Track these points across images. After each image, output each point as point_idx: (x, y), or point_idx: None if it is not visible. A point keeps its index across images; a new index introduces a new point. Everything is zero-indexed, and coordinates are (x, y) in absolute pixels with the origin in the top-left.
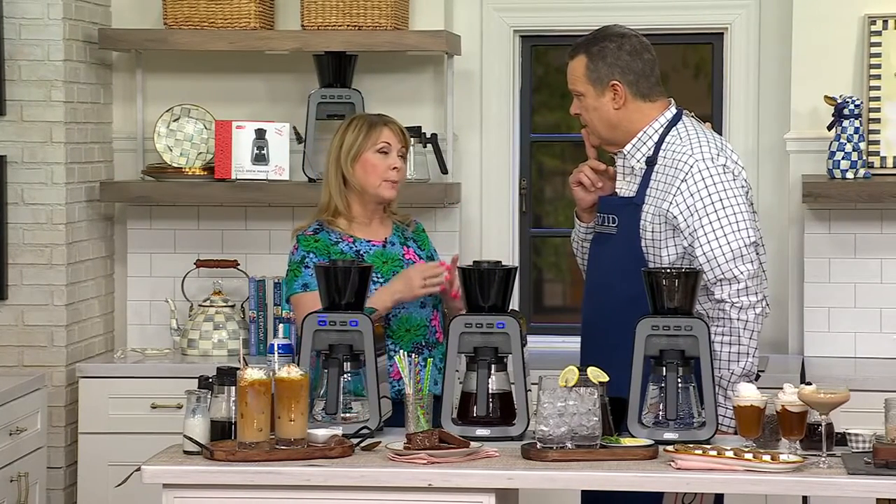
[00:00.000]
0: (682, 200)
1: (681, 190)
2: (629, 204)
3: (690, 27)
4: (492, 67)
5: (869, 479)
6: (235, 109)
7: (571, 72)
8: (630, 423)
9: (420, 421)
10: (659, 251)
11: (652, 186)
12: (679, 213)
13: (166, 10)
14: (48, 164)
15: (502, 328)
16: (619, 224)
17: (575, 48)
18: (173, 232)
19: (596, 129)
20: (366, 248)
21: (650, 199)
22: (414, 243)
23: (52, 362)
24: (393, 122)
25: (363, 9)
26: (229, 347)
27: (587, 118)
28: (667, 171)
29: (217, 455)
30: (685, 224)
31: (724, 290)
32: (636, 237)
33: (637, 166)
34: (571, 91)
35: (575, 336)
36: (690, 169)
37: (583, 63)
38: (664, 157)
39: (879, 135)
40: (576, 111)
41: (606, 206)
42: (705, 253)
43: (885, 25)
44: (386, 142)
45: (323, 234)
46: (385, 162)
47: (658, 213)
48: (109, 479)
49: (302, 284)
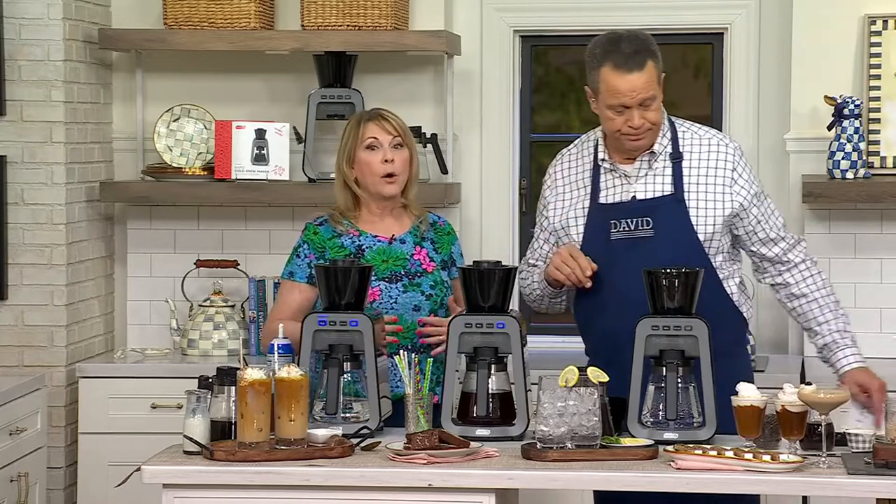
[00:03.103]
0: (740, 188)
1: (734, 179)
2: (668, 201)
3: (691, 27)
4: (492, 67)
5: (869, 479)
6: (235, 109)
7: (647, 80)
8: (630, 423)
9: (420, 421)
10: (719, 242)
11: (690, 181)
12: (743, 200)
13: (166, 11)
14: (48, 164)
15: (502, 328)
16: (657, 224)
17: (637, 57)
18: (173, 232)
19: (656, 133)
20: (370, 242)
21: (693, 194)
22: (430, 244)
23: (52, 362)
24: (380, 116)
25: (363, 9)
26: (229, 347)
27: (654, 120)
28: (708, 164)
29: (217, 455)
30: (749, 209)
31: (799, 251)
32: (687, 231)
33: (657, 165)
34: (640, 100)
35: (575, 336)
36: (734, 158)
37: (654, 67)
38: (692, 152)
39: (879, 135)
40: (641, 123)
41: (627, 211)
42: (772, 229)
43: (885, 25)
44: (372, 137)
45: (326, 227)
46: (376, 157)
47: (713, 205)
48: (109, 479)
49: (289, 272)
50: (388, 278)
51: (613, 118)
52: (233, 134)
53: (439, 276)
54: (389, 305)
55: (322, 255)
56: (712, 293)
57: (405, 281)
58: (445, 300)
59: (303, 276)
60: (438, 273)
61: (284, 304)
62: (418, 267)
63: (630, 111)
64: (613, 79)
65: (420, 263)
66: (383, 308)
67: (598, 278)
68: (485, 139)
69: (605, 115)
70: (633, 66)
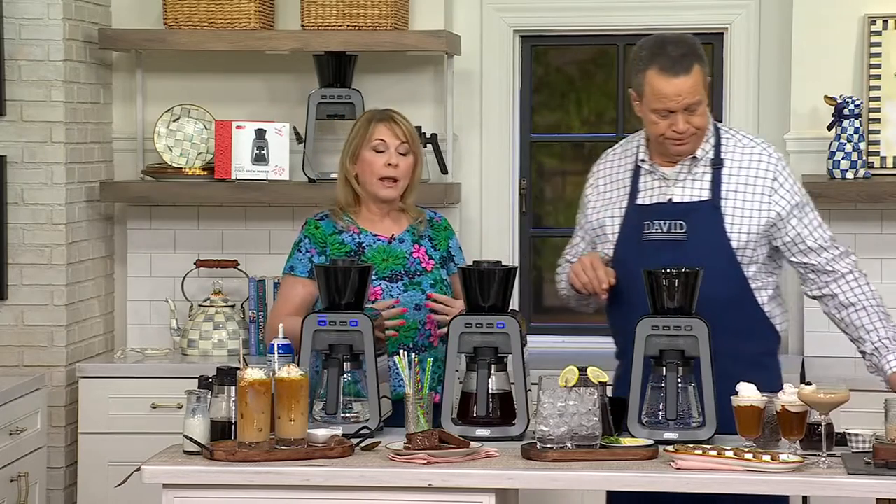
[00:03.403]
0: (780, 198)
1: (775, 189)
2: (704, 206)
3: (691, 27)
4: (492, 67)
5: (869, 479)
6: (235, 109)
7: (693, 84)
8: (630, 423)
9: (420, 421)
10: (753, 251)
11: (728, 188)
12: (782, 209)
13: (166, 11)
14: (48, 164)
15: (502, 328)
16: (691, 228)
17: (684, 62)
18: (173, 232)
19: (700, 138)
20: (370, 241)
21: (730, 202)
22: (429, 241)
23: (52, 362)
24: (392, 119)
25: (363, 9)
26: (229, 347)
27: (700, 125)
28: (745, 171)
29: (217, 455)
30: (789, 219)
31: (846, 261)
32: (720, 238)
33: (697, 169)
34: (686, 105)
35: (575, 336)
36: (776, 167)
37: (700, 71)
38: (733, 160)
39: (879, 135)
40: (686, 126)
41: (661, 213)
42: (817, 239)
43: (885, 25)
44: (380, 139)
45: (327, 223)
46: (380, 159)
47: (752, 214)
48: (109, 479)
49: (290, 267)
50: (388, 277)
51: (658, 122)
52: (233, 134)
53: (439, 274)
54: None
55: (323, 250)
56: (742, 303)
57: (406, 280)
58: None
59: (304, 271)
60: (438, 271)
61: (287, 300)
62: (418, 266)
63: (675, 115)
64: (659, 83)
65: (419, 262)
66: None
67: (629, 279)
68: (485, 139)
69: (650, 118)
70: (680, 70)
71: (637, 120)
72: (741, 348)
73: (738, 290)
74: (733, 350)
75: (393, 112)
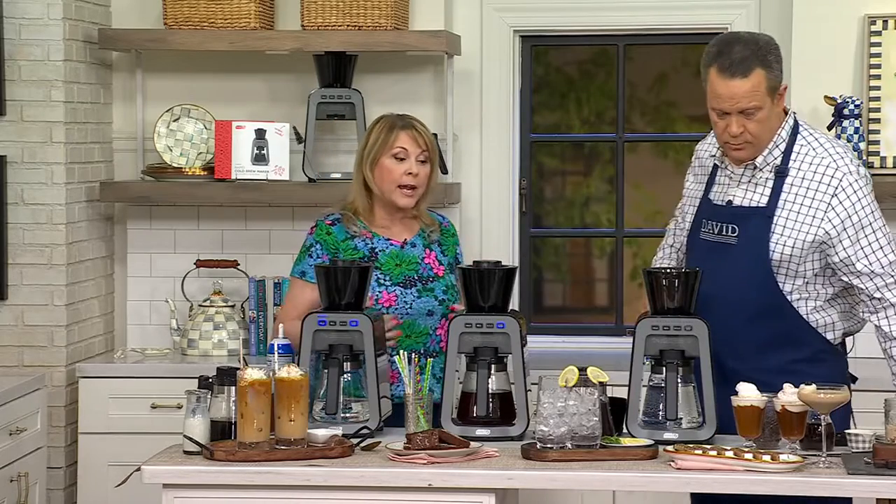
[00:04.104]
0: (834, 216)
1: (832, 206)
2: (758, 214)
3: (691, 27)
4: (492, 67)
5: (869, 479)
6: (235, 109)
7: (749, 89)
8: (630, 423)
9: (420, 421)
10: (798, 265)
11: (787, 199)
12: (833, 228)
13: (166, 11)
14: (48, 164)
15: (502, 328)
16: (741, 234)
17: (744, 64)
18: (173, 232)
19: (762, 141)
20: (383, 245)
21: (786, 213)
22: (438, 247)
23: (52, 362)
24: (413, 127)
25: (363, 9)
26: (229, 347)
27: (756, 132)
28: (809, 184)
29: (217, 455)
30: (840, 238)
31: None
32: (764, 247)
33: (761, 175)
34: (741, 109)
35: (575, 336)
36: (840, 183)
37: (762, 76)
38: (799, 169)
39: (879, 135)
40: (740, 130)
41: (721, 214)
42: (870, 264)
43: (885, 25)
44: (402, 147)
45: (339, 227)
46: (401, 168)
47: (803, 228)
48: (109, 479)
49: (301, 271)
50: (402, 283)
51: (716, 122)
52: (233, 134)
53: (450, 280)
54: (405, 311)
55: (336, 256)
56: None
57: (419, 286)
58: (456, 305)
59: (314, 276)
60: (449, 277)
61: (296, 303)
62: (430, 271)
63: (729, 118)
64: (716, 82)
65: (431, 268)
66: (398, 314)
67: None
68: (485, 139)
69: (711, 117)
70: (737, 71)
71: (637, 119)
72: (770, 357)
73: (771, 299)
74: (759, 358)
75: (414, 120)
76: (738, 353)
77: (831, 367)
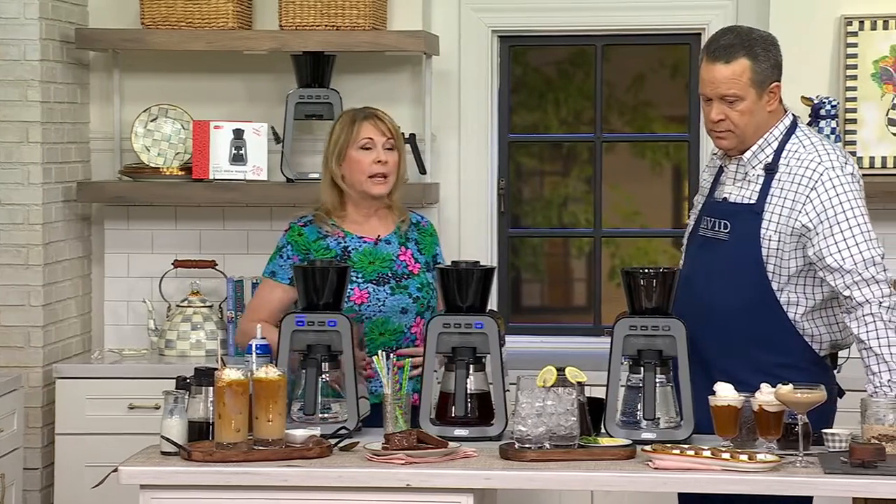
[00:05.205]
0: (811, 209)
1: (810, 198)
2: (747, 210)
3: (668, 27)
4: (470, 68)
5: (845, 478)
6: (213, 109)
7: (730, 75)
8: (608, 422)
9: (398, 421)
10: (781, 261)
11: (774, 195)
12: (809, 221)
13: (143, 10)
14: (24, 165)
15: (480, 328)
16: (733, 230)
17: (729, 50)
18: (151, 232)
19: (746, 133)
20: (355, 244)
21: (772, 208)
22: (415, 245)
23: (29, 363)
24: (375, 116)
25: (341, 9)
26: (207, 348)
27: (738, 122)
28: (792, 178)
29: (194, 456)
30: (815, 232)
31: (865, 291)
32: (754, 244)
33: (753, 172)
34: (720, 95)
35: (553, 336)
36: (821, 177)
37: (746, 66)
38: (787, 166)
39: (856, 135)
40: (720, 117)
41: (716, 210)
42: (842, 260)
43: (861, 26)
44: (368, 137)
45: (311, 228)
46: (369, 157)
47: (784, 221)
48: (86, 480)
49: (271, 271)
50: (375, 281)
51: (703, 108)
52: (210, 134)
53: (425, 278)
54: (377, 308)
55: (307, 257)
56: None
57: (392, 283)
58: (432, 302)
59: (284, 277)
60: (424, 275)
61: (264, 303)
62: (404, 268)
63: (713, 104)
64: (703, 67)
65: (406, 265)
66: (371, 311)
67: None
68: (463, 139)
69: (701, 104)
70: (720, 56)
71: (615, 120)
72: (756, 356)
73: (759, 297)
74: (746, 356)
75: (374, 109)
76: (725, 350)
77: (816, 377)
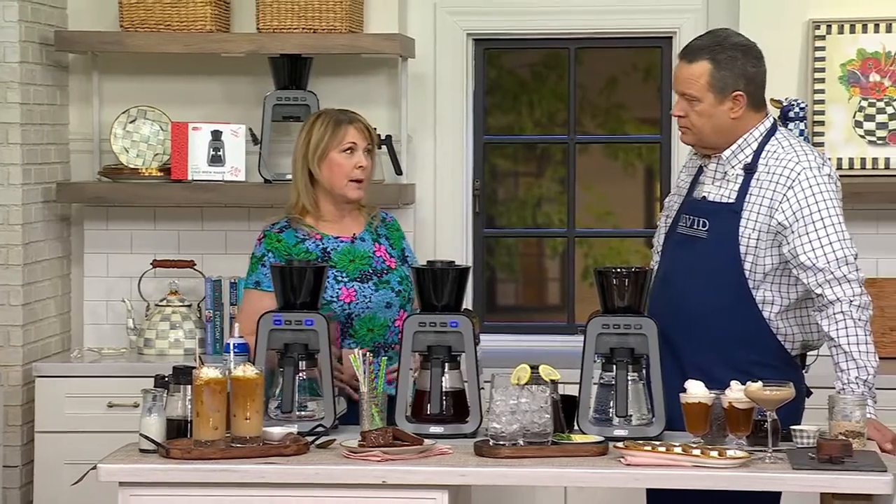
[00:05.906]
0: (787, 207)
1: (787, 197)
2: (726, 209)
3: (640, 31)
4: (445, 70)
5: (813, 473)
6: (191, 111)
7: (689, 75)
8: (581, 420)
9: (375, 419)
10: (758, 259)
11: (752, 193)
12: (785, 219)
13: (122, 13)
14: (4, 166)
15: (455, 327)
16: (711, 229)
17: (694, 52)
18: (130, 232)
19: (703, 133)
20: (333, 244)
21: (750, 206)
22: (386, 241)
23: (9, 362)
24: (358, 120)
25: (318, 12)
26: (186, 347)
27: (695, 122)
28: (771, 178)
29: (173, 453)
30: (791, 230)
31: (836, 290)
32: (732, 243)
33: (733, 172)
34: (681, 93)
35: (527, 335)
36: (798, 176)
37: (706, 69)
38: (766, 166)
39: (824, 137)
40: (679, 113)
41: (695, 209)
42: (815, 258)
43: (829, 30)
44: (352, 142)
45: (288, 233)
46: (351, 161)
47: (762, 220)
48: (65, 477)
49: (255, 281)
50: (359, 278)
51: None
52: (189, 135)
53: (403, 271)
54: (366, 305)
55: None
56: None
57: (375, 279)
58: (412, 294)
59: (270, 286)
60: (401, 269)
61: (254, 314)
62: (382, 264)
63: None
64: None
65: (383, 260)
66: (360, 308)
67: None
68: (439, 141)
69: None
70: (686, 55)
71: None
72: (731, 353)
73: (736, 295)
74: (720, 352)
75: (354, 113)
76: (700, 346)
77: (786, 375)
